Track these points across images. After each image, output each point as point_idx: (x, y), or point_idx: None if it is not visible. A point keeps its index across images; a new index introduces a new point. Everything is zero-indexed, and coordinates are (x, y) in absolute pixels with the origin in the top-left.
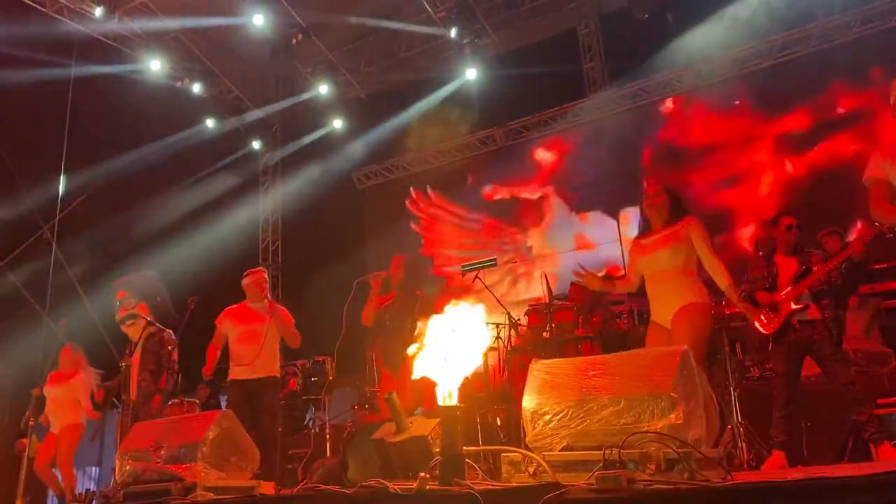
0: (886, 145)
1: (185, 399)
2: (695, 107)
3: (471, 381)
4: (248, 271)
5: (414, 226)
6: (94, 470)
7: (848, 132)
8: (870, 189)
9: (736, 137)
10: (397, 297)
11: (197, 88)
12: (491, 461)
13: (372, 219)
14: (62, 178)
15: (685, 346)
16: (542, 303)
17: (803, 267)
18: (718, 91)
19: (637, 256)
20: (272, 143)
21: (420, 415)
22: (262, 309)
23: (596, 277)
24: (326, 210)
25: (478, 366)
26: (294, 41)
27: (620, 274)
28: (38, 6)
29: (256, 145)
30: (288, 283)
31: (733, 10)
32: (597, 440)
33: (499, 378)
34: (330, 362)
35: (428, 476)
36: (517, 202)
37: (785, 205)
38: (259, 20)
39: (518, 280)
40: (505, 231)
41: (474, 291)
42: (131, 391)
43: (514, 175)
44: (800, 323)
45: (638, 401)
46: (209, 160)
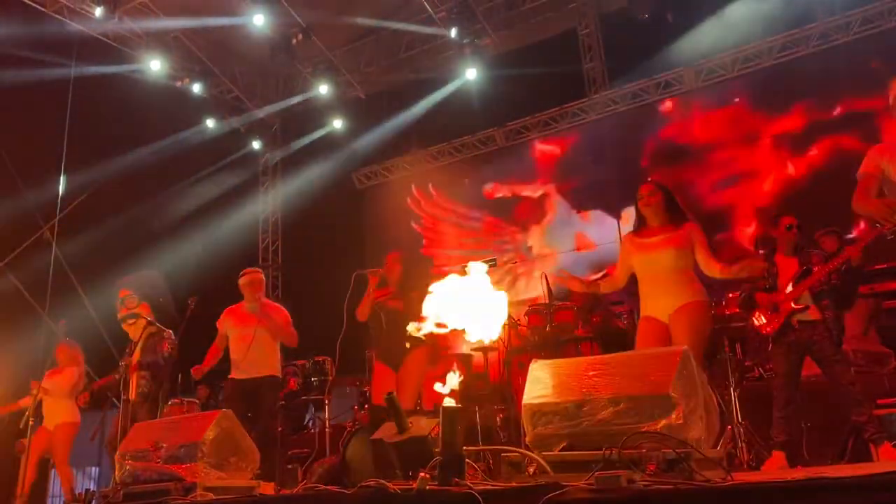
0: (885, 143)
1: (185, 399)
2: (695, 107)
3: (471, 382)
4: (243, 271)
5: (415, 225)
6: (94, 470)
7: (848, 132)
8: (858, 182)
9: (736, 137)
10: (394, 294)
11: (197, 88)
12: (491, 461)
13: (372, 219)
14: (62, 178)
15: (685, 347)
16: (542, 303)
17: (804, 267)
18: (718, 91)
19: (634, 253)
20: (272, 143)
21: (419, 415)
22: (254, 311)
23: (577, 281)
24: (326, 210)
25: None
26: (294, 41)
27: (602, 274)
28: (38, 6)
29: (256, 145)
30: (288, 283)
31: (733, 10)
32: (596, 440)
33: (499, 378)
34: (330, 363)
35: (428, 476)
36: (518, 200)
37: (785, 205)
38: (259, 20)
39: (518, 280)
40: (505, 230)
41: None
42: (130, 390)
43: (515, 175)
44: (800, 323)
45: (638, 401)
46: (209, 160)
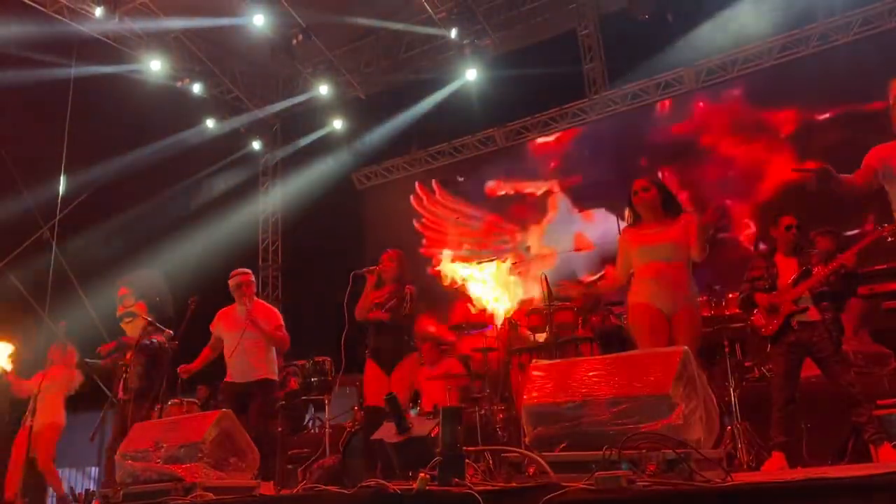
0: (886, 143)
1: (185, 399)
2: (695, 107)
3: (471, 381)
4: (232, 273)
5: (417, 224)
6: (94, 470)
7: (848, 132)
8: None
9: (736, 137)
10: (391, 292)
11: (197, 88)
12: (491, 461)
13: (372, 219)
14: (62, 178)
15: (685, 347)
16: (542, 303)
17: (803, 268)
18: (718, 91)
19: (634, 245)
20: (272, 143)
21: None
22: (242, 314)
23: (575, 287)
24: (326, 210)
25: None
26: (294, 41)
27: (600, 275)
28: (39, 6)
29: (256, 145)
30: (288, 283)
31: (733, 11)
32: (596, 441)
33: (499, 378)
34: (330, 363)
35: (428, 476)
36: (520, 198)
37: (785, 205)
38: (259, 20)
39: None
40: (505, 230)
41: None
42: (129, 389)
43: (515, 175)
44: (799, 324)
45: (638, 401)
46: (209, 160)
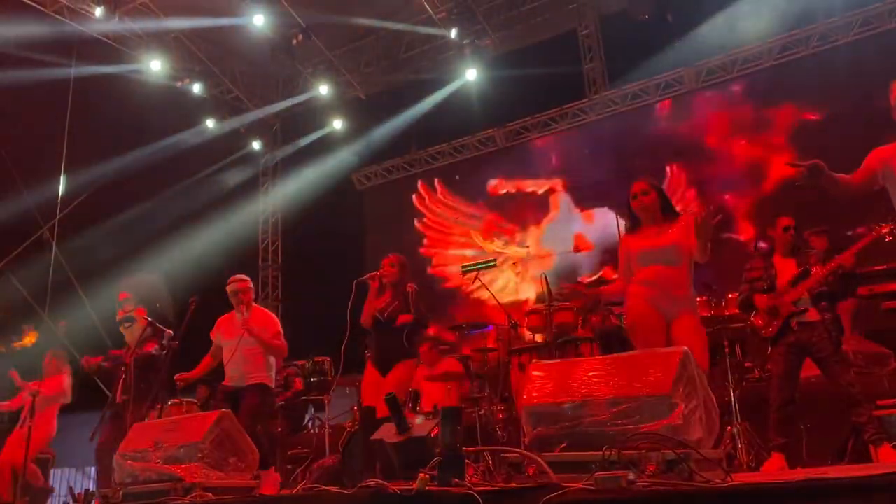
0: (887, 145)
1: (185, 399)
2: (695, 107)
3: (471, 381)
4: (230, 279)
5: (418, 223)
6: (93, 470)
7: (848, 133)
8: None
9: (736, 138)
10: (392, 297)
11: (197, 88)
12: (490, 461)
13: (372, 219)
14: (62, 178)
15: (685, 347)
16: (542, 303)
17: (802, 269)
18: (718, 91)
19: (635, 250)
20: (272, 143)
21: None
22: (238, 321)
23: (578, 294)
24: (326, 210)
25: None
26: (294, 41)
27: (598, 276)
28: (38, 6)
29: (256, 145)
30: (288, 283)
31: (733, 11)
32: (596, 441)
33: (499, 378)
34: (329, 363)
35: (428, 476)
36: (522, 197)
37: (785, 205)
38: (259, 20)
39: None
40: (505, 230)
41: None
42: (129, 391)
43: (515, 176)
44: (799, 325)
45: (638, 401)
46: (209, 160)
